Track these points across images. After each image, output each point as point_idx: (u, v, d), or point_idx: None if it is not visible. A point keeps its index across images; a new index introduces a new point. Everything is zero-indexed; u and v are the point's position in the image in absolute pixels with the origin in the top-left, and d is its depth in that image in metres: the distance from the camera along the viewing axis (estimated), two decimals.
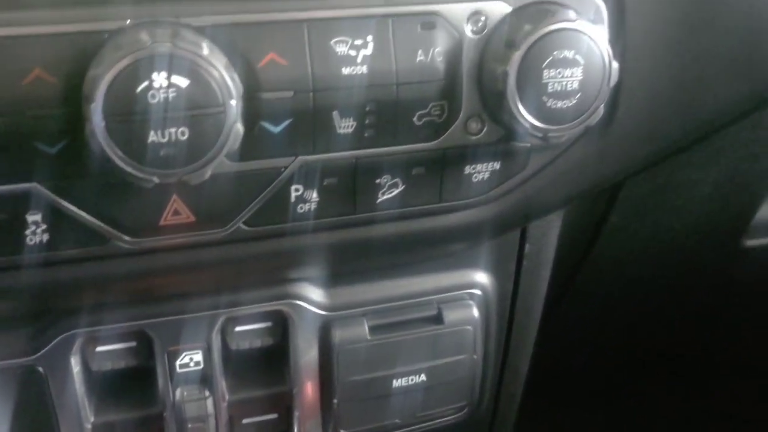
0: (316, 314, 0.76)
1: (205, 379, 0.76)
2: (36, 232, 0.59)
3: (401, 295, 0.79)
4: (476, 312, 0.81)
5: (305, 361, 0.77)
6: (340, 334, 0.77)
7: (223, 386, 0.76)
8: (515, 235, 0.83)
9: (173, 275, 0.67)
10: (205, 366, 0.75)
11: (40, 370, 0.71)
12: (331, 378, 0.78)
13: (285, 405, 0.79)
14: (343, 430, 0.81)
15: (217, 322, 0.74)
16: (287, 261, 0.71)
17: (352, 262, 0.74)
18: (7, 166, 0.55)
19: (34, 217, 0.58)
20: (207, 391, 0.76)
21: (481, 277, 0.82)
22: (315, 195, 0.64)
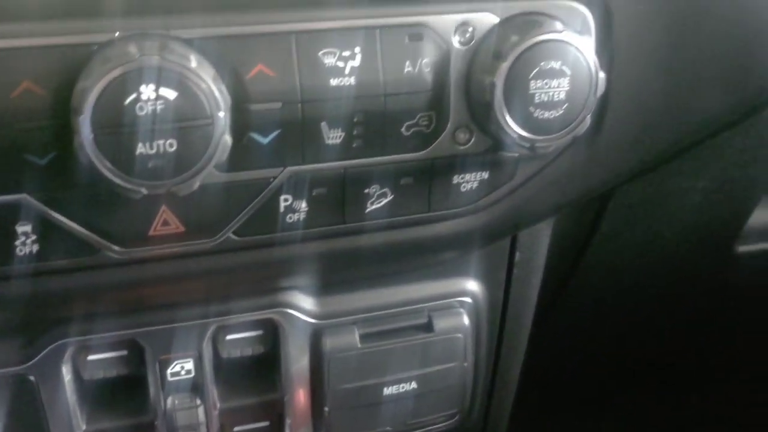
0: (306, 323, 0.77)
1: (196, 388, 0.76)
2: (26, 242, 0.59)
3: (392, 303, 0.79)
4: (467, 320, 0.81)
5: (296, 369, 0.78)
6: (331, 343, 0.77)
7: (214, 394, 0.77)
8: (505, 243, 0.83)
9: (163, 285, 0.67)
10: (196, 374, 0.75)
11: (32, 378, 0.71)
12: (322, 386, 0.78)
13: (276, 413, 0.80)
14: None
15: (207, 331, 0.74)
16: (277, 270, 0.71)
17: (342, 271, 0.74)
18: None
19: (24, 228, 0.58)
20: (198, 400, 0.76)
21: (471, 285, 0.83)
22: (304, 205, 0.64)
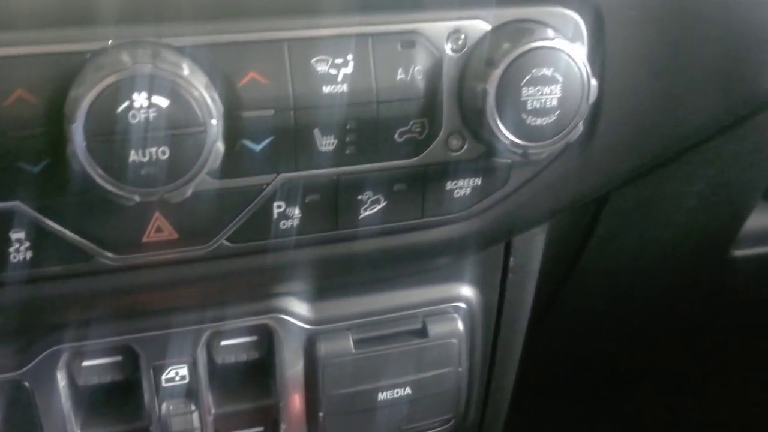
0: (301, 328, 0.77)
1: (191, 393, 0.76)
2: (20, 249, 0.59)
3: (386, 309, 0.80)
4: (461, 325, 0.81)
5: (291, 374, 0.78)
6: (325, 348, 0.77)
7: (209, 400, 0.77)
8: (500, 248, 0.84)
9: (157, 291, 0.68)
10: (190, 380, 0.75)
11: (26, 385, 0.71)
12: (317, 391, 0.78)
13: (271, 418, 0.80)
14: None
15: (202, 337, 0.74)
16: (271, 277, 0.71)
17: (336, 277, 0.74)
18: None
19: (17, 235, 0.59)
20: (193, 405, 0.76)
21: (465, 291, 0.83)
22: (297, 211, 0.64)
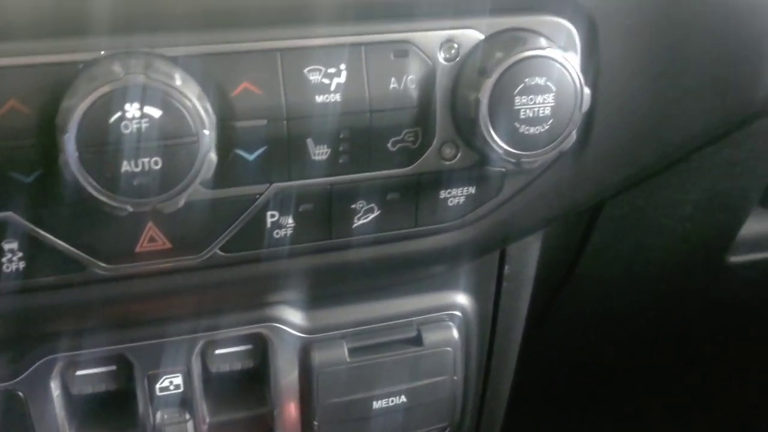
0: (295, 337, 0.77)
1: (185, 402, 0.76)
2: (12, 260, 0.59)
3: (380, 317, 0.80)
4: (456, 333, 0.81)
5: (285, 383, 0.78)
6: (320, 357, 0.77)
7: (203, 409, 0.77)
8: (494, 256, 0.83)
9: (151, 301, 0.67)
10: (185, 389, 0.75)
11: (20, 394, 0.71)
12: (311, 400, 0.78)
13: (266, 427, 0.79)
14: None
15: (196, 346, 0.74)
16: (264, 286, 0.71)
17: (329, 285, 0.74)
18: None
19: (10, 246, 0.59)
20: (187, 414, 0.76)
21: (460, 299, 0.83)
22: (291, 221, 0.64)
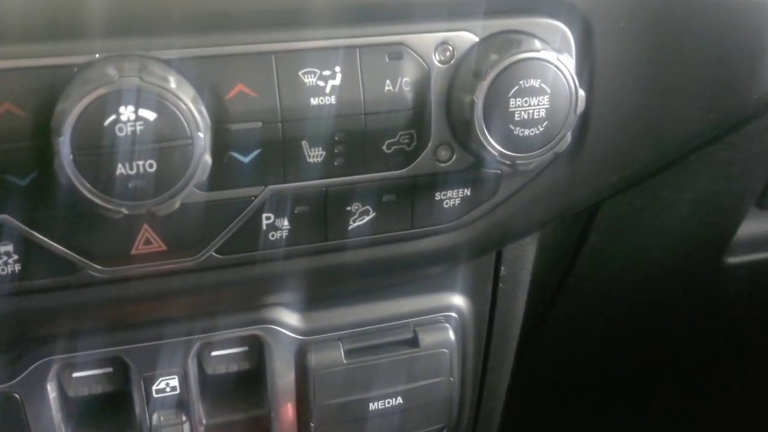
0: (291, 338, 0.77)
1: (181, 404, 0.76)
2: (8, 262, 0.59)
3: (377, 319, 0.80)
4: (452, 335, 0.81)
5: (282, 385, 0.78)
6: (316, 358, 0.77)
7: (200, 411, 0.77)
8: (491, 258, 0.84)
9: (147, 303, 0.67)
10: (181, 391, 0.75)
11: (17, 396, 0.71)
12: (308, 402, 0.78)
13: (262, 429, 0.79)
14: None
15: (192, 348, 0.74)
16: (260, 288, 0.71)
17: (325, 287, 0.74)
18: None
19: (5, 248, 0.59)
20: (184, 416, 0.76)
21: (457, 300, 0.83)
22: (286, 223, 0.64)
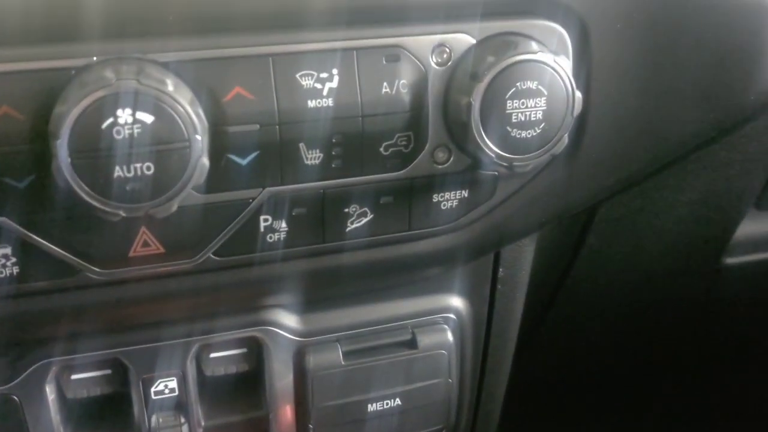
0: (290, 340, 0.77)
1: (180, 406, 0.76)
2: (6, 265, 0.59)
3: (375, 320, 0.80)
4: (450, 336, 0.82)
5: (280, 386, 0.78)
6: (314, 360, 0.77)
7: (198, 412, 0.77)
8: (489, 259, 0.84)
9: (145, 305, 0.68)
10: (180, 393, 0.75)
11: (15, 398, 0.71)
12: (306, 403, 0.78)
13: (261, 430, 0.80)
14: None
15: (191, 350, 0.74)
16: (259, 290, 0.71)
17: (324, 289, 0.74)
18: None
19: (3, 251, 0.59)
20: (182, 418, 0.76)
21: (455, 302, 0.83)
22: (284, 225, 0.65)
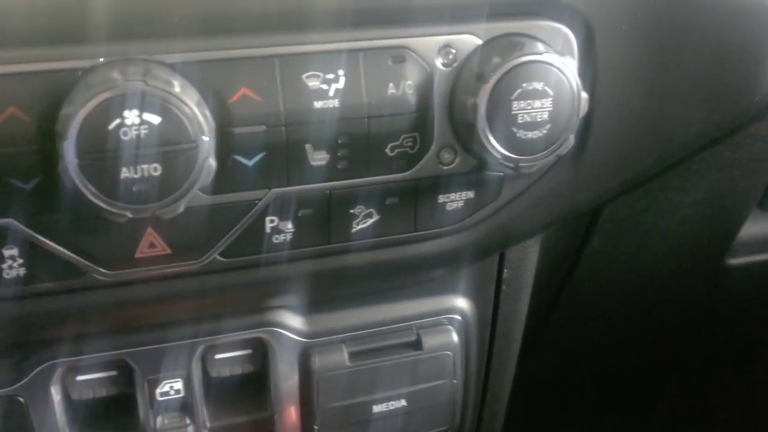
0: (295, 341, 0.77)
1: (185, 407, 0.76)
2: (12, 266, 0.59)
3: (380, 321, 0.80)
4: (455, 337, 0.82)
5: (285, 387, 0.78)
6: (320, 361, 0.77)
7: (204, 414, 0.77)
8: (493, 260, 0.84)
9: (151, 306, 0.68)
10: (185, 394, 0.75)
11: (21, 400, 0.71)
12: (312, 404, 0.78)
13: (266, 431, 0.80)
14: None
15: (196, 351, 0.74)
16: (264, 291, 0.71)
17: (329, 290, 0.74)
18: None
19: (10, 252, 0.59)
20: (188, 419, 0.76)
21: (460, 303, 0.83)
22: (290, 226, 0.65)
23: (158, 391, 0.75)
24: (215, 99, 0.57)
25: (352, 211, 0.66)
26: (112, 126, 0.52)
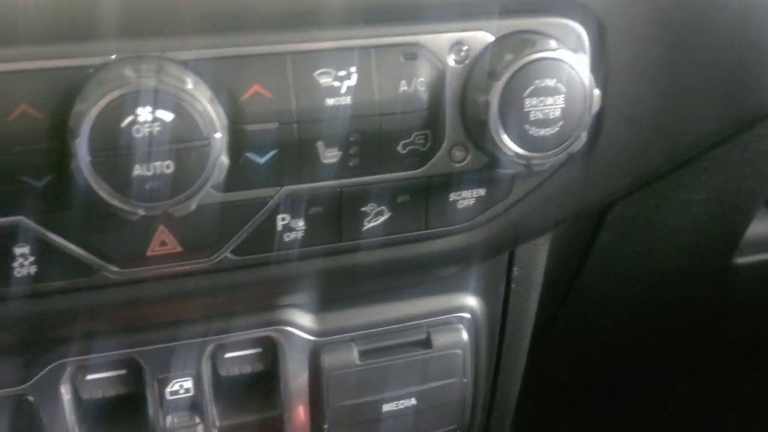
0: (305, 340, 0.77)
1: (195, 406, 0.76)
2: (24, 264, 0.59)
3: (390, 320, 0.79)
4: (465, 335, 0.81)
5: (295, 386, 0.78)
6: (330, 360, 0.77)
7: (213, 413, 0.77)
8: (503, 258, 0.83)
9: (161, 304, 0.67)
10: (195, 393, 0.75)
11: (31, 399, 0.71)
12: (321, 403, 0.78)
13: (276, 430, 0.79)
14: None
15: (206, 349, 0.74)
16: (275, 289, 0.71)
17: (339, 288, 0.74)
18: None
19: (21, 250, 0.59)
20: (197, 418, 0.76)
21: (470, 301, 0.83)
22: (301, 224, 0.64)
23: (168, 389, 0.74)
24: (227, 96, 0.57)
25: (363, 209, 0.66)
26: (124, 123, 0.52)
